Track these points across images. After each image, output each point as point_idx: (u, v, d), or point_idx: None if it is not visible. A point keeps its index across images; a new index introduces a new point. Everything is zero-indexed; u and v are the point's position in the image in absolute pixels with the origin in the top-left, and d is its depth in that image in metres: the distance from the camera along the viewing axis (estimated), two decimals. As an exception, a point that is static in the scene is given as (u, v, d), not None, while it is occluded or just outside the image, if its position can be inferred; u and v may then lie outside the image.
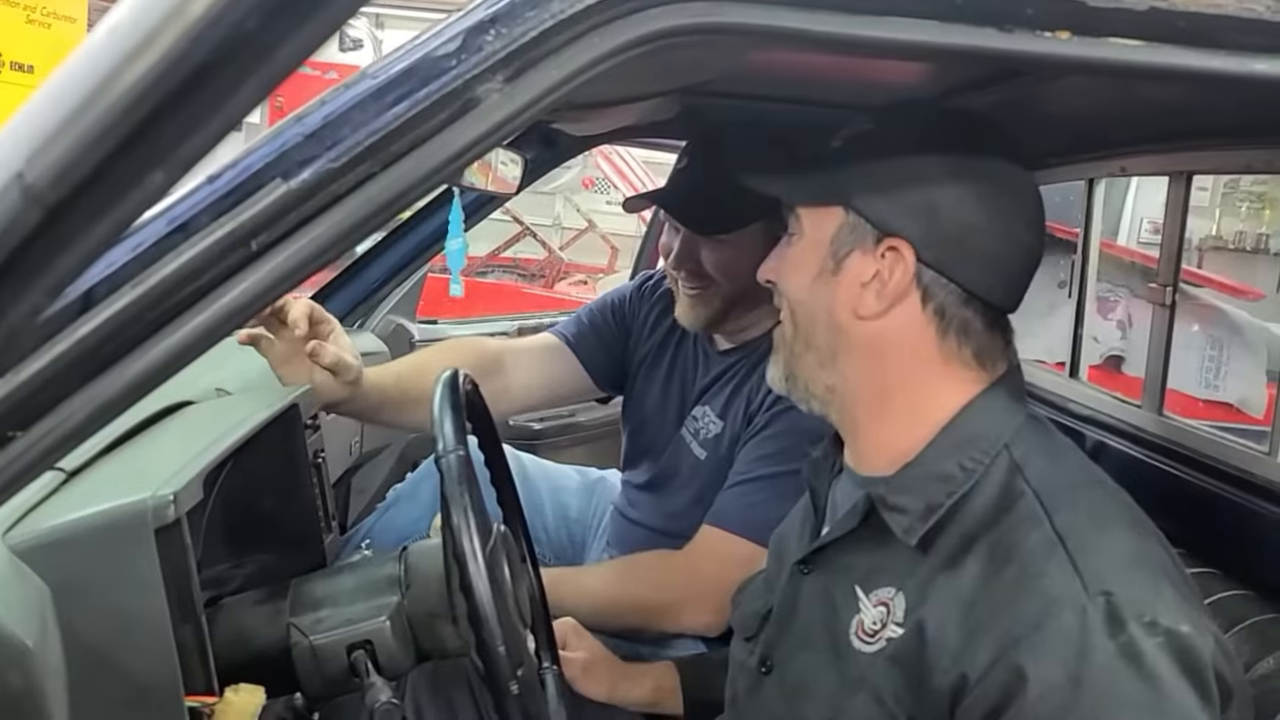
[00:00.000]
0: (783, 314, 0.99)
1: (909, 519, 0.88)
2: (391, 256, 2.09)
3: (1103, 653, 0.75)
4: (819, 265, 0.94)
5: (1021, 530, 0.83)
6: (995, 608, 0.80)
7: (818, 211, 0.95)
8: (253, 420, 1.04)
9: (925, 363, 0.92)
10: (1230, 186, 8.53)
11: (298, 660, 0.96)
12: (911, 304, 0.91)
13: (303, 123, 0.65)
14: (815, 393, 0.98)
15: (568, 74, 0.70)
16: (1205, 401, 3.67)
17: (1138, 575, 0.80)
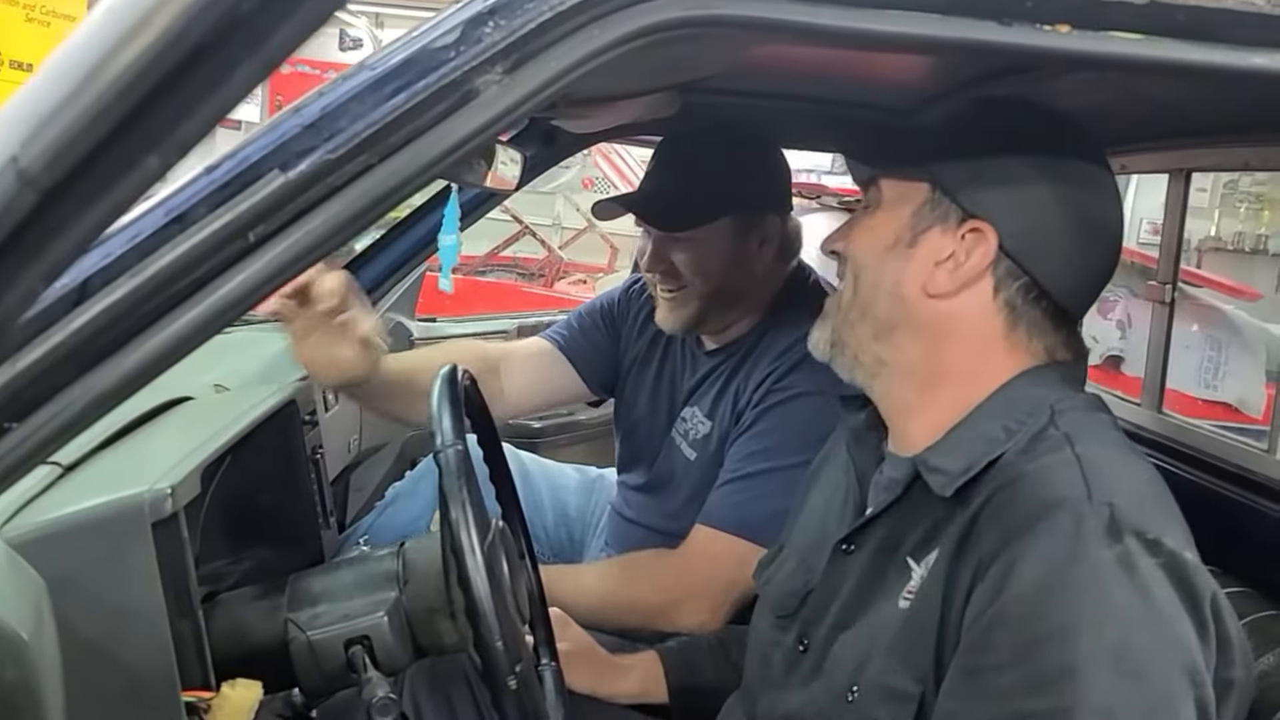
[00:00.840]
0: (845, 280, 0.98)
1: (946, 477, 0.87)
2: (390, 254, 2.08)
3: (1094, 559, 0.73)
4: (895, 236, 0.93)
5: (1040, 453, 0.83)
6: (997, 511, 0.80)
7: (902, 186, 0.93)
8: (250, 416, 1.04)
9: (989, 352, 0.91)
10: (1229, 187, 8.54)
11: (295, 656, 0.96)
12: (983, 290, 0.90)
13: (301, 114, 0.65)
14: (864, 362, 0.96)
15: (567, 66, 0.70)
16: (1204, 401, 3.67)
17: (1150, 505, 0.79)
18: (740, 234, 1.50)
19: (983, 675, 0.76)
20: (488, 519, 1.00)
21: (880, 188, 0.96)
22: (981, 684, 0.76)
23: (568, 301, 4.23)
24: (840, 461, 1.08)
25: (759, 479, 1.42)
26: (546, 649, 1.22)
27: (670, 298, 1.54)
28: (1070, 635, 0.72)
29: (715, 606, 1.42)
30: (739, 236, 1.50)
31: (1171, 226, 1.42)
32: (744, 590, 1.36)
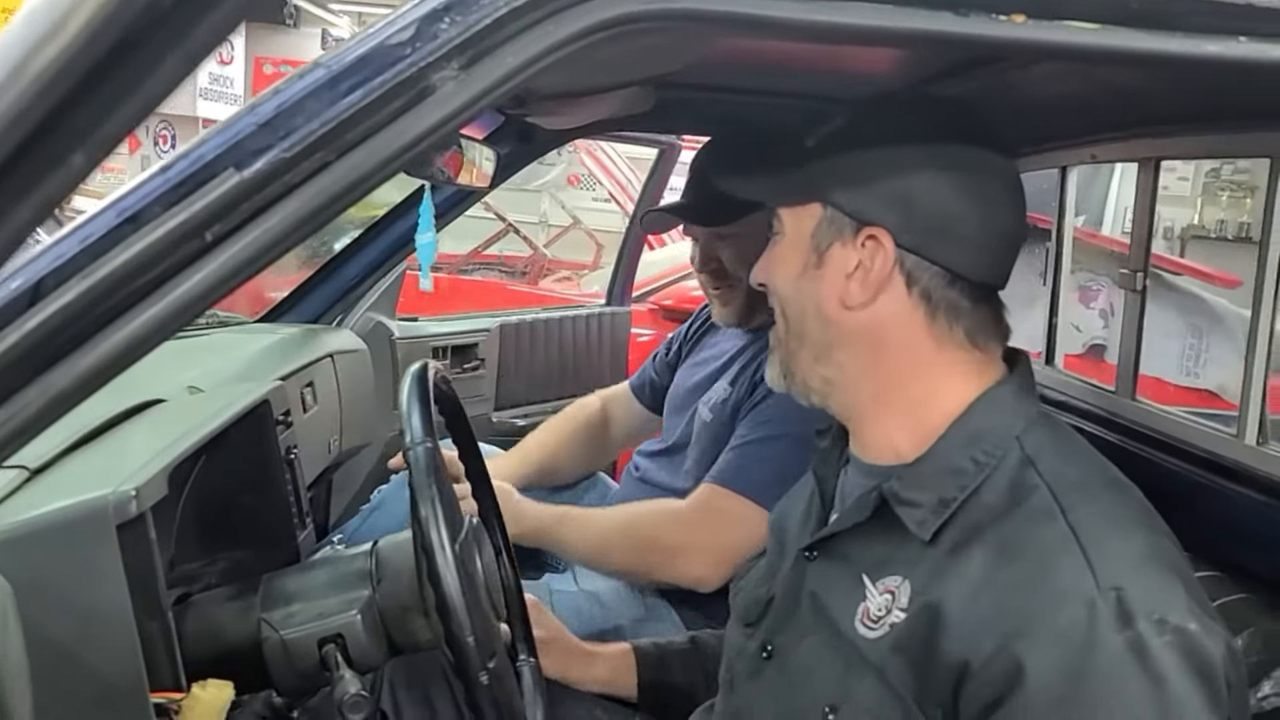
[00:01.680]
0: (776, 313, 1.01)
1: (922, 513, 0.88)
2: (369, 254, 2.09)
3: (1109, 647, 0.75)
4: (803, 261, 0.96)
5: (1035, 523, 0.83)
6: (1003, 596, 0.80)
7: (797, 210, 0.96)
8: (221, 416, 1.04)
9: (919, 347, 0.93)
10: (1211, 175, 8.57)
11: (269, 655, 0.96)
12: (897, 290, 0.92)
13: (256, 112, 0.65)
14: (813, 386, 0.98)
15: (523, 62, 0.70)
16: (1186, 389, 3.69)
17: (1150, 573, 0.80)
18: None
19: None
20: (460, 516, 1.00)
21: (780, 216, 0.99)
22: None
23: (551, 299, 4.23)
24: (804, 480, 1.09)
25: (766, 444, 1.50)
26: (525, 645, 1.23)
27: (718, 294, 1.69)
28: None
29: (716, 562, 1.46)
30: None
31: (1142, 214, 1.42)
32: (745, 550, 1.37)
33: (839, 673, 0.89)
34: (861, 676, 0.87)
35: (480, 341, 2.56)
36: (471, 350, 2.54)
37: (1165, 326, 4.04)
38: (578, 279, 5.74)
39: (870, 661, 0.87)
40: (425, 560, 0.89)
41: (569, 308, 3.01)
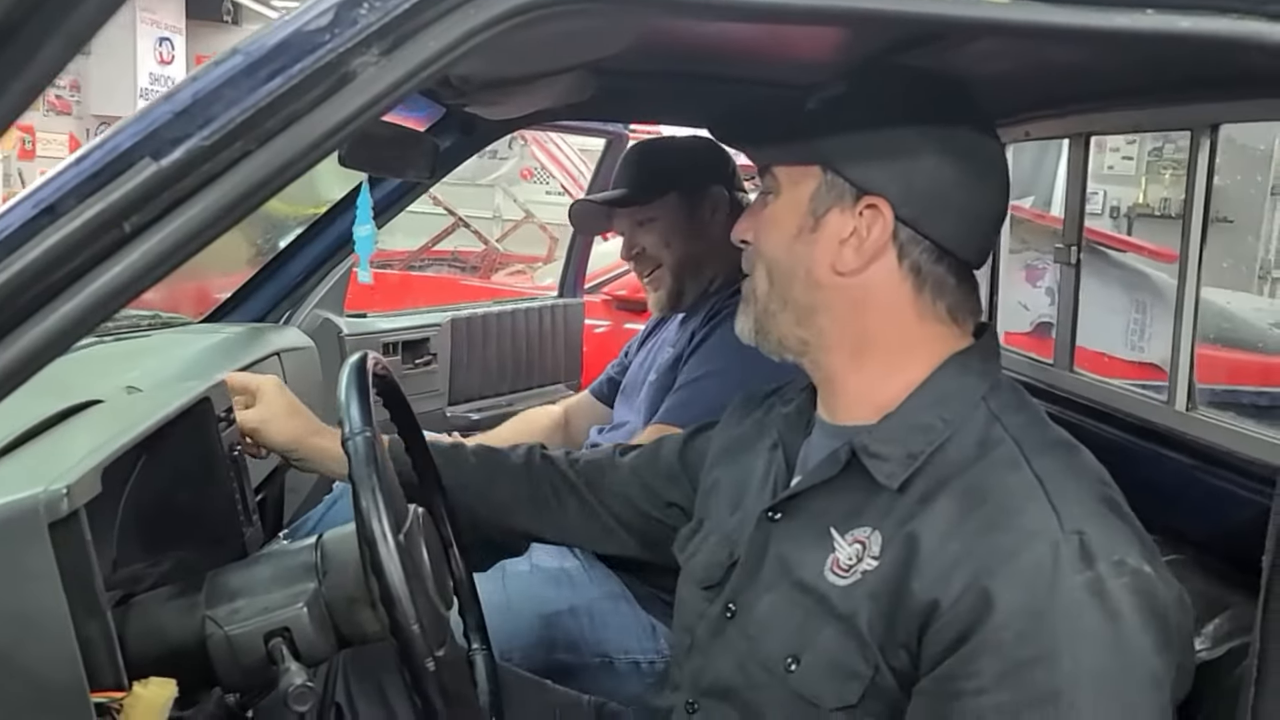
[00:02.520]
0: (756, 272, 1.01)
1: (890, 465, 0.91)
2: (313, 250, 2.07)
3: (1070, 586, 0.79)
4: (798, 224, 0.96)
5: (1001, 471, 0.87)
6: (971, 538, 0.83)
7: (795, 171, 0.97)
8: (158, 414, 1.03)
9: (902, 317, 0.95)
10: (1154, 154, 8.74)
11: (213, 652, 0.95)
12: (889, 260, 0.94)
13: (172, 100, 0.64)
14: (789, 346, 1.00)
15: (445, 45, 0.70)
16: (1131, 363, 3.76)
17: (1110, 521, 0.84)
18: (690, 205, 1.70)
19: (963, 699, 0.80)
20: (403, 506, 1.00)
21: (775, 175, 0.99)
22: (963, 708, 0.80)
23: (504, 292, 4.22)
24: (762, 443, 1.10)
25: (707, 379, 1.58)
26: (478, 635, 1.23)
27: (650, 280, 1.77)
28: (1052, 660, 0.78)
29: None
30: (689, 208, 1.70)
31: (1074, 189, 1.45)
32: None
33: (799, 623, 0.92)
34: (823, 625, 0.90)
35: (432, 336, 2.55)
36: (423, 345, 2.53)
37: (1110, 303, 4.12)
38: (531, 272, 5.73)
39: (838, 609, 0.89)
40: (368, 551, 0.88)
41: (521, 300, 3.01)
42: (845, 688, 0.87)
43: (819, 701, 0.88)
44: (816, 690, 0.89)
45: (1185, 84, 1.15)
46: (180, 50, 7.89)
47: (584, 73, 1.58)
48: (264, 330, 1.95)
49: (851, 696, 0.87)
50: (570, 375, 3.00)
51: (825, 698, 0.88)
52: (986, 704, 0.79)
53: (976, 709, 0.79)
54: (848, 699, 0.87)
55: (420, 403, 2.45)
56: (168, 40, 7.74)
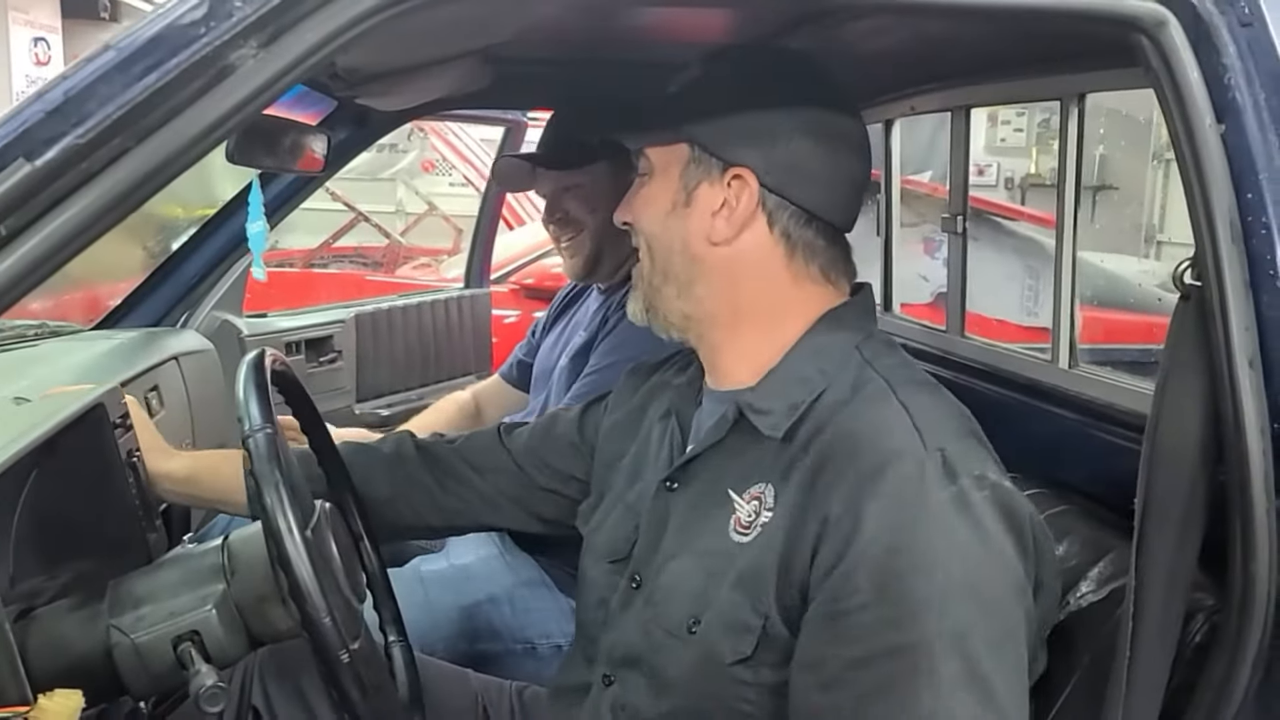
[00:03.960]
0: (640, 251, 1.05)
1: (774, 418, 0.96)
2: (207, 250, 2.02)
3: (936, 499, 0.84)
4: (671, 200, 1.01)
5: (872, 404, 0.93)
6: (845, 464, 0.89)
7: (665, 151, 1.01)
8: (48, 423, 1.00)
9: (777, 281, 1.00)
10: (1043, 126, 9.02)
11: (120, 661, 0.93)
12: (759, 227, 0.99)
13: (44, 99, 0.63)
14: (674, 321, 1.04)
15: (325, 36, 0.70)
16: (1027, 328, 3.89)
17: (970, 443, 0.91)
18: (617, 174, 1.67)
19: (846, 617, 0.84)
20: (309, 501, 1.00)
21: (647, 156, 1.04)
22: (846, 626, 0.84)
23: (410, 285, 4.17)
24: (654, 413, 1.13)
25: (614, 369, 1.55)
26: (394, 627, 1.23)
27: (568, 245, 1.74)
28: (923, 571, 0.83)
29: None
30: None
31: (958, 160, 1.51)
32: None
33: (701, 586, 0.96)
34: (723, 582, 0.94)
35: (335, 334, 2.52)
36: (327, 343, 2.50)
37: (1006, 270, 4.26)
38: (437, 265, 5.67)
39: (739, 566, 0.93)
40: (275, 546, 0.88)
41: (427, 293, 2.98)
42: (741, 641, 0.91)
43: (720, 656, 0.92)
44: (716, 647, 0.92)
45: (1053, 56, 1.20)
46: (57, 50, 7.58)
47: (477, 61, 1.57)
48: (160, 334, 1.90)
49: (746, 648, 0.91)
50: (480, 366, 2.99)
51: (724, 653, 0.92)
52: (868, 618, 0.83)
53: (859, 624, 0.83)
54: (743, 651, 0.91)
55: (327, 401, 2.42)
56: (43, 40, 7.42)
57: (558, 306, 1.99)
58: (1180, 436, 0.87)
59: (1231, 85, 0.83)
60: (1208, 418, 0.86)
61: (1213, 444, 0.86)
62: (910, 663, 0.81)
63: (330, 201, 5.88)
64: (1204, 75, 0.83)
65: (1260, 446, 0.82)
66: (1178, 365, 0.88)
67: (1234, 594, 0.84)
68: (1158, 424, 0.89)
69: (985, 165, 9.08)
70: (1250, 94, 0.83)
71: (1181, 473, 0.87)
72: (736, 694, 0.92)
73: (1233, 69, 0.82)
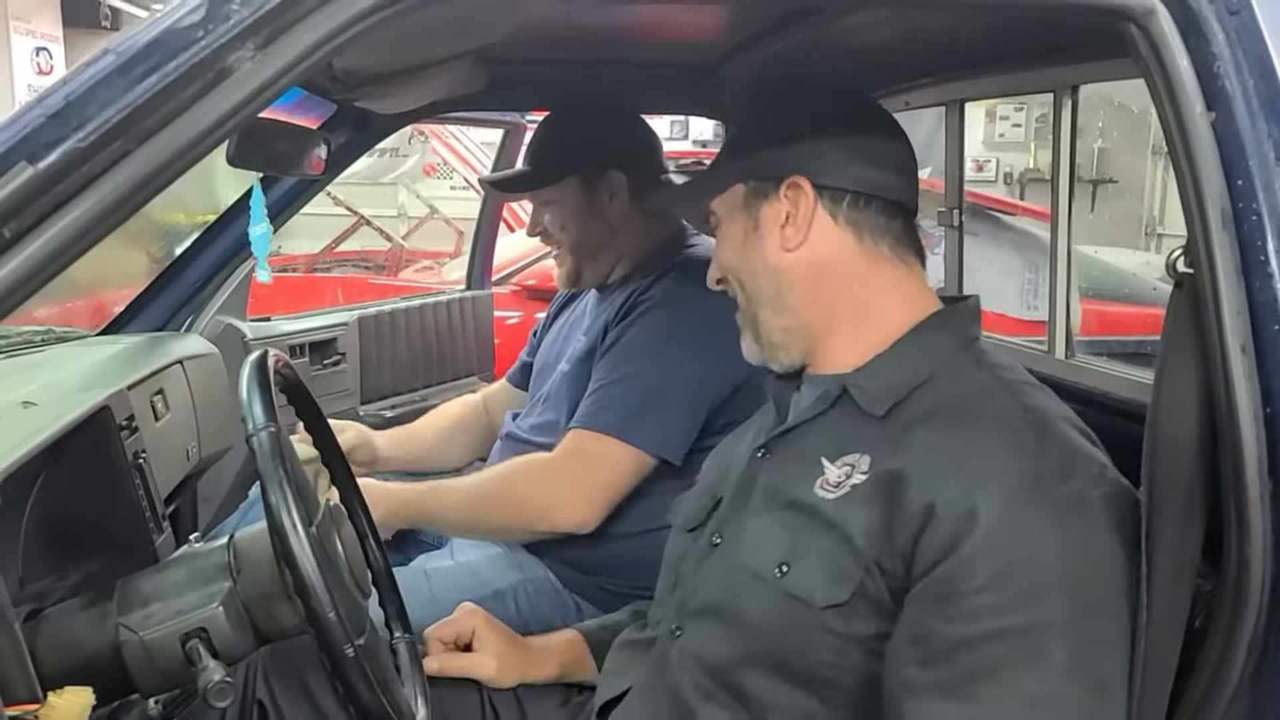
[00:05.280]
0: (735, 294, 1.11)
1: (876, 395, 1.00)
2: (210, 255, 2.03)
3: (1053, 496, 0.87)
4: (742, 231, 1.08)
5: (986, 398, 0.96)
6: (961, 452, 0.91)
7: (724, 198, 1.10)
8: (55, 426, 1.01)
9: (854, 267, 1.05)
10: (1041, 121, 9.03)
11: (129, 659, 0.94)
12: (824, 221, 1.04)
13: (44, 104, 0.64)
14: (777, 342, 1.08)
15: (322, 37, 0.71)
16: (1027, 321, 3.90)
17: (1081, 442, 0.94)
18: (588, 189, 1.71)
19: (959, 599, 0.87)
20: (315, 500, 1.01)
21: (713, 210, 1.12)
22: (958, 607, 0.87)
23: (413, 288, 4.18)
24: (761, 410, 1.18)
25: (620, 383, 1.57)
26: (399, 624, 1.24)
27: (555, 255, 1.79)
28: (1038, 563, 0.86)
29: (590, 502, 1.52)
30: (587, 192, 1.71)
31: (953, 154, 1.52)
32: (618, 489, 1.53)
33: (789, 537, 0.98)
34: (816, 533, 0.96)
35: (339, 336, 2.53)
36: (330, 345, 2.50)
37: (1005, 265, 4.26)
38: (439, 267, 5.68)
39: (829, 519, 0.96)
40: (280, 543, 0.89)
41: (429, 295, 2.99)
42: (837, 587, 0.93)
43: (810, 600, 0.94)
44: (808, 589, 0.94)
45: (1045, 48, 1.21)
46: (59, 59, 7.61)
47: (475, 62, 1.59)
48: (165, 339, 1.91)
49: (842, 595, 0.93)
50: (483, 367, 3.00)
51: (816, 596, 0.94)
52: (982, 602, 0.85)
53: (972, 606, 0.86)
54: (838, 597, 0.93)
55: (332, 403, 2.43)
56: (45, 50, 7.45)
57: (557, 305, 2.00)
58: (1179, 424, 0.87)
59: (1220, 73, 0.83)
60: (1204, 404, 0.86)
61: (1210, 430, 0.86)
62: (1019, 647, 0.84)
63: (332, 206, 5.91)
64: (1193, 63, 0.83)
65: (1254, 431, 0.82)
66: (1174, 353, 0.88)
67: (1229, 577, 0.84)
68: (1157, 412, 0.89)
69: (984, 160, 9.09)
70: (1239, 81, 0.83)
71: (1182, 460, 0.87)
72: (821, 643, 0.94)
73: (1221, 57, 0.83)
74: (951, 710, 0.85)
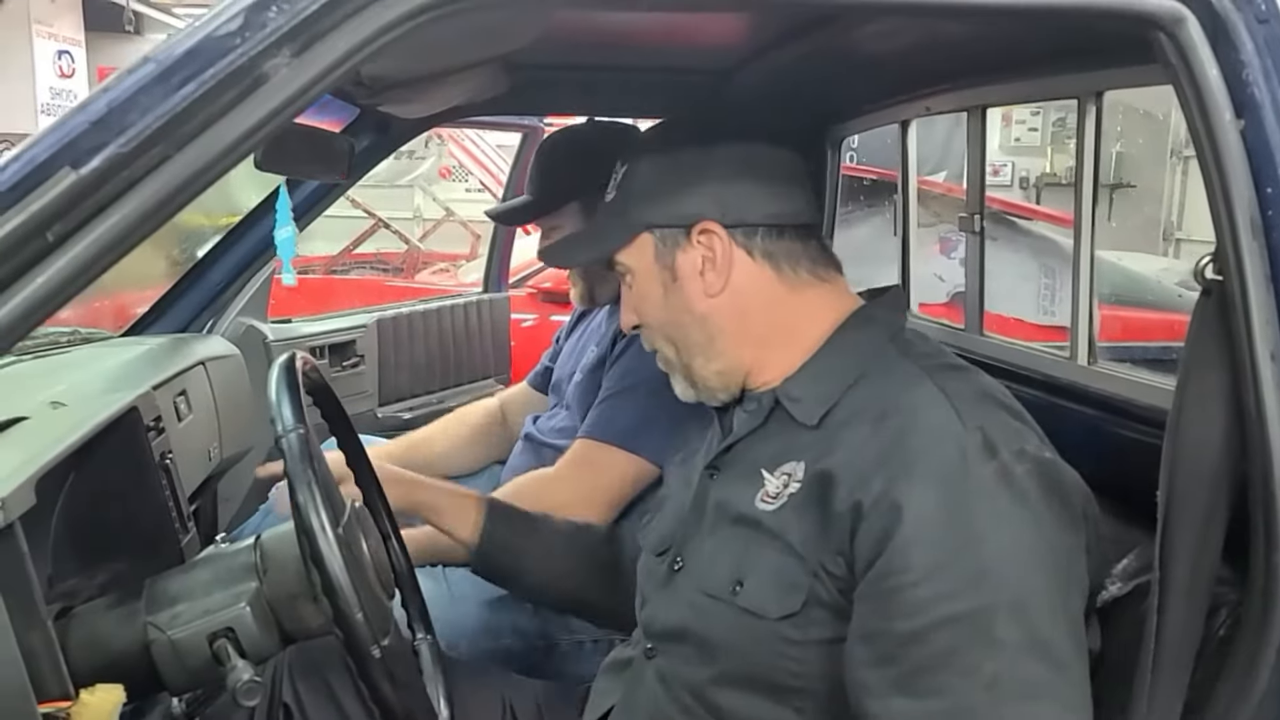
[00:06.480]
0: (659, 345, 1.11)
1: (808, 404, 1.01)
2: (233, 257, 2.04)
3: (979, 475, 0.88)
4: (660, 283, 1.07)
5: (908, 388, 0.96)
6: (885, 445, 0.92)
7: (632, 249, 1.08)
8: (86, 426, 1.03)
9: (777, 297, 1.05)
10: (1059, 125, 8.99)
11: (157, 657, 0.95)
12: (743, 261, 1.04)
13: (87, 110, 0.65)
14: (714, 385, 1.08)
15: (355, 44, 0.72)
16: (1044, 327, 3.89)
17: (1006, 418, 0.94)
18: (589, 213, 1.72)
19: (899, 593, 0.87)
20: (341, 500, 1.02)
21: (622, 261, 1.10)
22: (900, 601, 0.87)
23: (430, 290, 4.20)
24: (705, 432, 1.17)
25: (625, 394, 1.61)
26: (421, 624, 1.25)
27: (569, 276, 1.87)
28: (972, 545, 0.86)
29: (597, 505, 1.55)
30: (588, 215, 1.73)
31: (974, 159, 1.51)
32: (622, 496, 1.57)
33: (740, 552, 0.99)
34: (763, 547, 0.97)
35: (358, 338, 2.55)
36: (350, 347, 2.52)
37: (1022, 270, 4.26)
38: (455, 270, 5.71)
39: (770, 530, 0.97)
40: (307, 543, 0.90)
41: (446, 298, 3.00)
42: (788, 597, 0.94)
43: (765, 613, 0.95)
44: (762, 603, 0.95)
45: (1069, 54, 1.21)
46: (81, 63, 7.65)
47: (497, 67, 1.59)
48: (187, 340, 1.93)
49: (794, 604, 0.94)
50: (500, 370, 3.01)
51: (770, 609, 0.95)
52: (922, 593, 0.86)
53: (913, 599, 0.86)
54: (791, 607, 0.94)
55: (350, 404, 2.42)
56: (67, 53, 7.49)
57: (577, 313, 2.03)
58: (1202, 431, 0.87)
59: (1250, 81, 0.83)
60: (1230, 412, 0.86)
61: (1235, 438, 0.86)
62: (969, 632, 0.84)
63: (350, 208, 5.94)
64: (1222, 71, 0.83)
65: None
66: (1199, 360, 0.88)
67: (1255, 586, 0.84)
68: (1179, 419, 0.89)
69: (1000, 165, 9.07)
70: (1269, 89, 0.83)
71: (1204, 467, 0.87)
72: (784, 654, 0.95)
73: (1251, 65, 0.83)
74: (913, 706, 0.86)
